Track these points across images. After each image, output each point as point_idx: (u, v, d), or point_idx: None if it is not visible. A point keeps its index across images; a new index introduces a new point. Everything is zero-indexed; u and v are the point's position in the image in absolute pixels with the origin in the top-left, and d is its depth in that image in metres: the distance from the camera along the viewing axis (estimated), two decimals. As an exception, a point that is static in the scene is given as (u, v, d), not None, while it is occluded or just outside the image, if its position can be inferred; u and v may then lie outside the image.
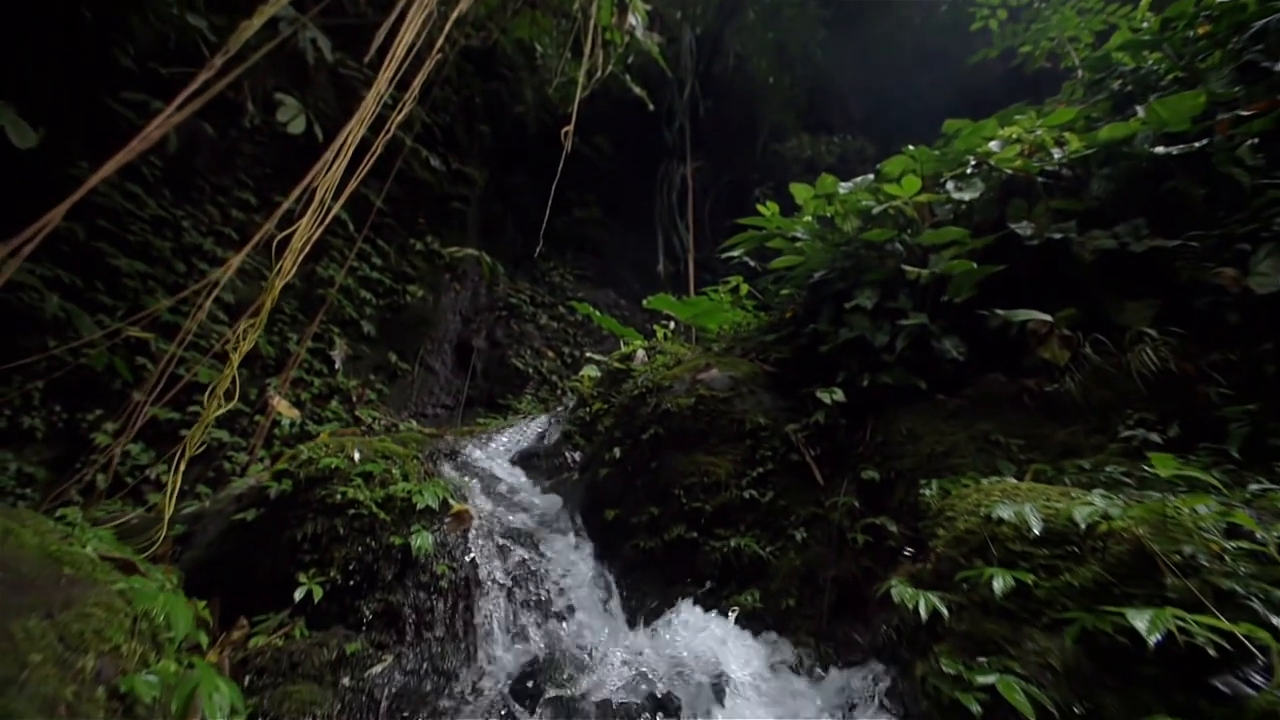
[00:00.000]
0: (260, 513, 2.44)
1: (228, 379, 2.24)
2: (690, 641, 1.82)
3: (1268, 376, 2.08)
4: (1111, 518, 1.34)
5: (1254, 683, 1.05)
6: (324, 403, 6.49)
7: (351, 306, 6.96)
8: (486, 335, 7.44)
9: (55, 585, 1.31)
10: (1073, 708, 1.10)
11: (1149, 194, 2.74)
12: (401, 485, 2.51)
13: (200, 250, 5.88)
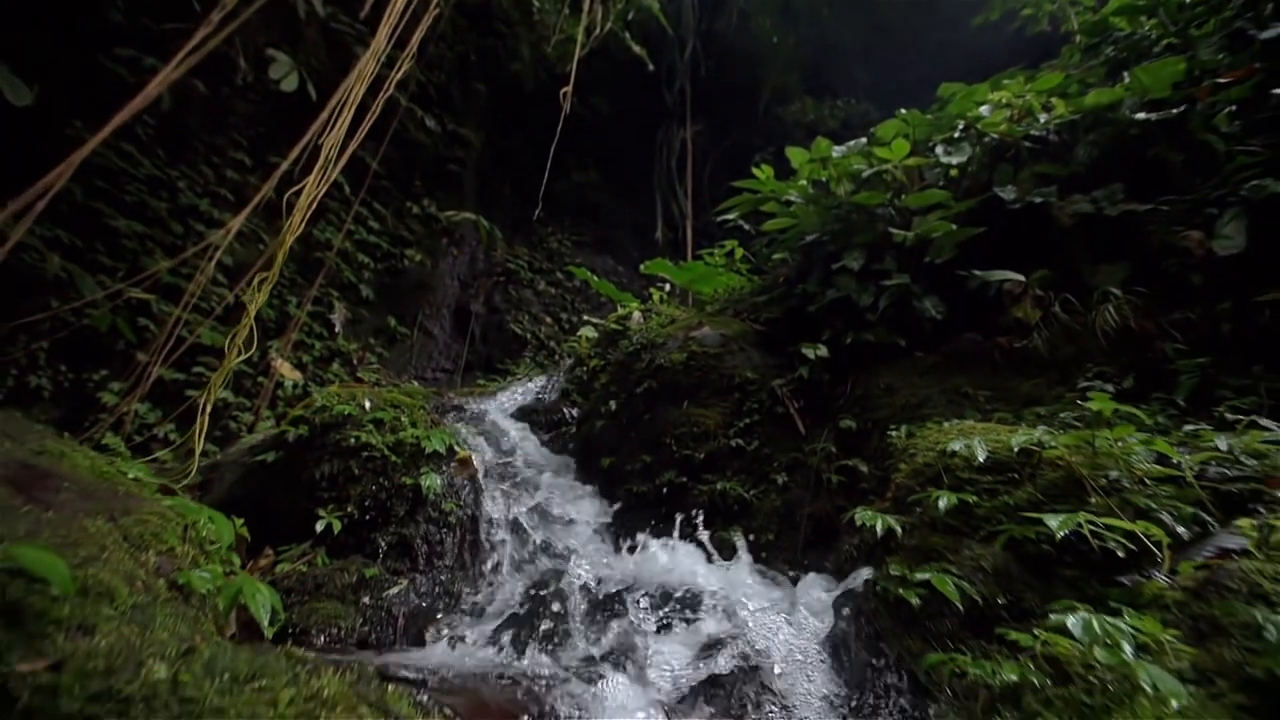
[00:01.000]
0: (279, 455, 2.64)
1: (245, 328, 2.40)
2: (677, 563, 2.05)
3: (1223, 334, 2.25)
4: (1046, 445, 1.53)
5: (1152, 576, 1.26)
6: (325, 365, 6.66)
7: (350, 270, 7.05)
8: (484, 300, 7.56)
9: (114, 496, 1.50)
10: (997, 599, 1.30)
11: (1132, 160, 2.85)
12: (410, 431, 2.70)
13: (197, 211, 5.93)
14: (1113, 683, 0.92)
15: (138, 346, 5.45)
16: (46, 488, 1.38)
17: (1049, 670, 0.99)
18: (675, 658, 1.47)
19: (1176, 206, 2.57)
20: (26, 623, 0.94)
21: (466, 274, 7.67)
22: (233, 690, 0.77)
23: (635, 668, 1.41)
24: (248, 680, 0.79)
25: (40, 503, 1.29)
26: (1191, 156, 2.71)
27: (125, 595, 1.06)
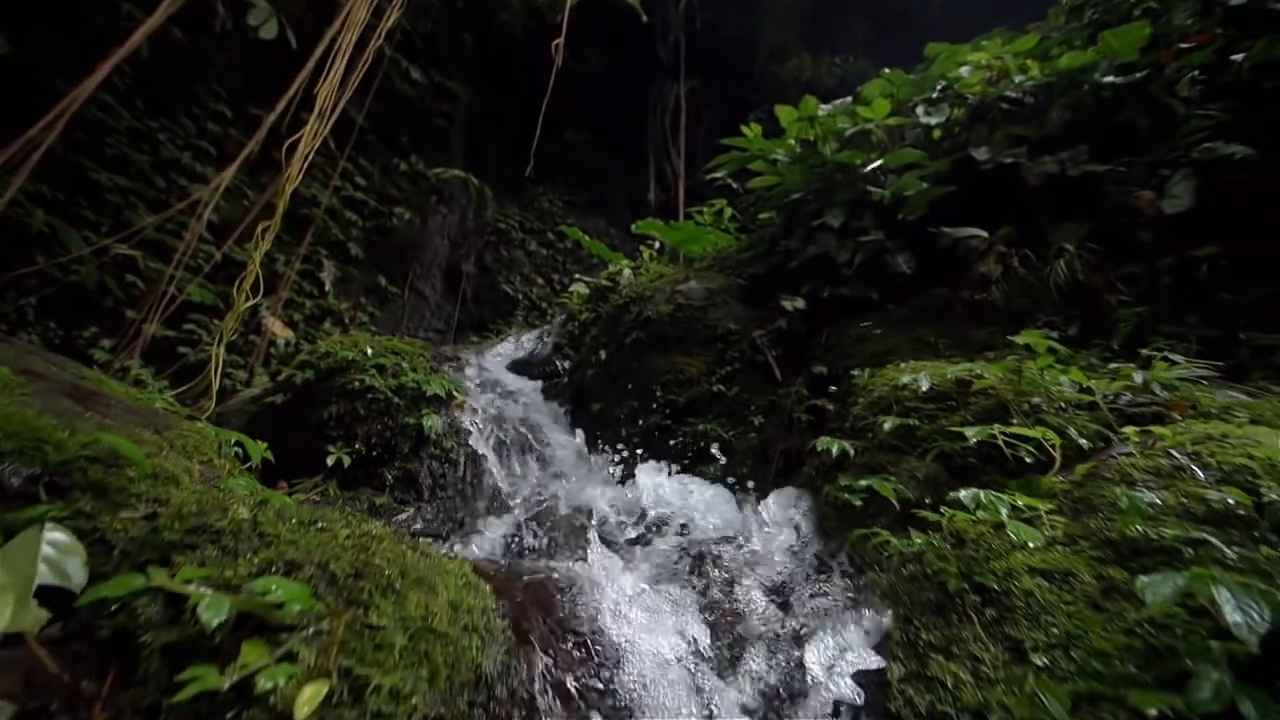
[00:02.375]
0: (288, 397, 2.85)
1: (252, 275, 2.55)
2: (661, 491, 2.31)
3: (1163, 286, 2.49)
4: (979, 376, 1.77)
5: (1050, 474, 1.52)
6: (317, 324, 6.79)
7: (338, 228, 7.09)
8: (476, 261, 7.65)
9: (154, 414, 1.71)
10: (925, 499, 1.57)
11: (1102, 123, 3.02)
12: (411, 376, 2.91)
13: (179, 165, 5.92)
14: (994, 543, 1.19)
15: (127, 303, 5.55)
16: (98, 402, 1.58)
17: (950, 538, 1.25)
18: (656, 555, 1.74)
19: (1135, 168, 2.77)
20: (110, 495, 1.16)
21: (457, 233, 7.73)
22: (300, 529, 1.00)
23: (623, 560, 1.68)
24: (311, 523, 1.03)
25: (97, 412, 1.49)
26: (1155, 120, 2.88)
27: (187, 483, 1.28)
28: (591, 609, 1.22)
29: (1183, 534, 1.07)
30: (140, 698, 0.82)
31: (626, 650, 1.09)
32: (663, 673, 1.05)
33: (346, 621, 0.86)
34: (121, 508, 1.12)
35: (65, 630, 0.92)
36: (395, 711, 0.80)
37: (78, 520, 1.08)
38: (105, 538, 1.05)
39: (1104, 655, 0.93)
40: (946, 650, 1.01)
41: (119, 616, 0.90)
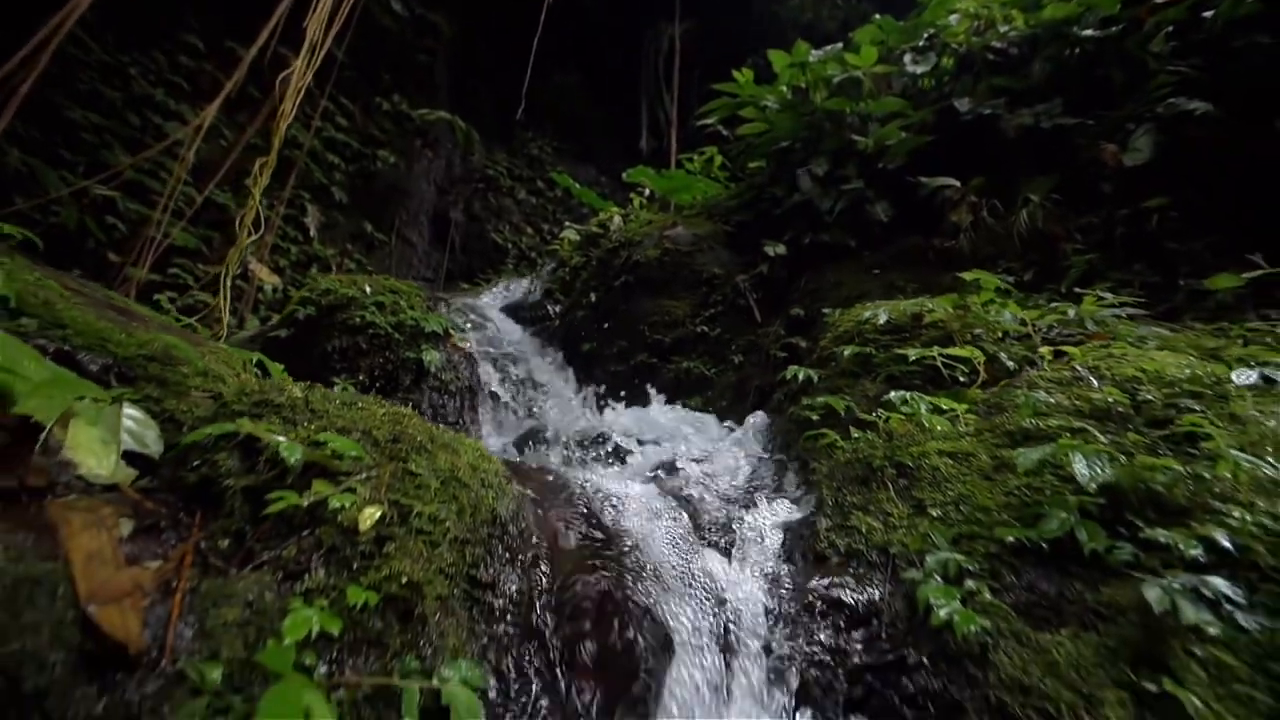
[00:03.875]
0: (291, 332, 3.05)
1: (253, 210, 2.70)
2: (646, 418, 2.59)
3: (1116, 236, 2.73)
4: (929, 310, 2.03)
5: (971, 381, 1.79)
6: (303, 270, 6.86)
7: (320, 171, 7.04)
8: (464, 208, 7.68)
9: (184, 331, 1.92)
10: (872, 411, 1.85)
11: (1082, 76, 3.18)
12: (409, 314, 3.11)
13: (152, 102, 5.83)
14: (915, 434, 1.47)
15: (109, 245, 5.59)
16: (134, 317, 1.79)
17: (882, 435, 1.54)
18: (640, 464, 2.02)
19: (1106, 121, 2.95)
20: (170, 385, 1.39)
21: (443, 179, 7.71)
22: (344, 407, 1.25)
23: (614, 467, 1.96)
24: (352, 403, 1.27)
25: (139, 324, 1.70)
26: (1131, 75, 3.05)
27: (232, 380, 1.51)
28: (582, 487, 1.50)
29: (1066, 424, 1.35)
30: (228, 525, 1.08)
31: (619, 511, 1.37)
32: (650, 529, 1.34)
33: (391, 470, 1.12)
34: (183, 395, 1.36)
35: (151, 484, 1.17)
36: (434, 530, 1.07)
37: (147, 404, 1.31)
38: (174, 417, 1.29)
39: (986, 509, 1.22)
40: (865, 508, 1.30)
41: (202, 469, 1.15)
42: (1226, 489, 1.15)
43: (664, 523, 1.36)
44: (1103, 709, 0.86)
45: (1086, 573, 1.04)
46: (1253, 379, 1.39)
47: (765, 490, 1.65)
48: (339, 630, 0.90)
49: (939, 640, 0.97)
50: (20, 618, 0.75)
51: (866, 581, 1.14)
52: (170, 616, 0.86)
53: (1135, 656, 0.91)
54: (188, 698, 0.80)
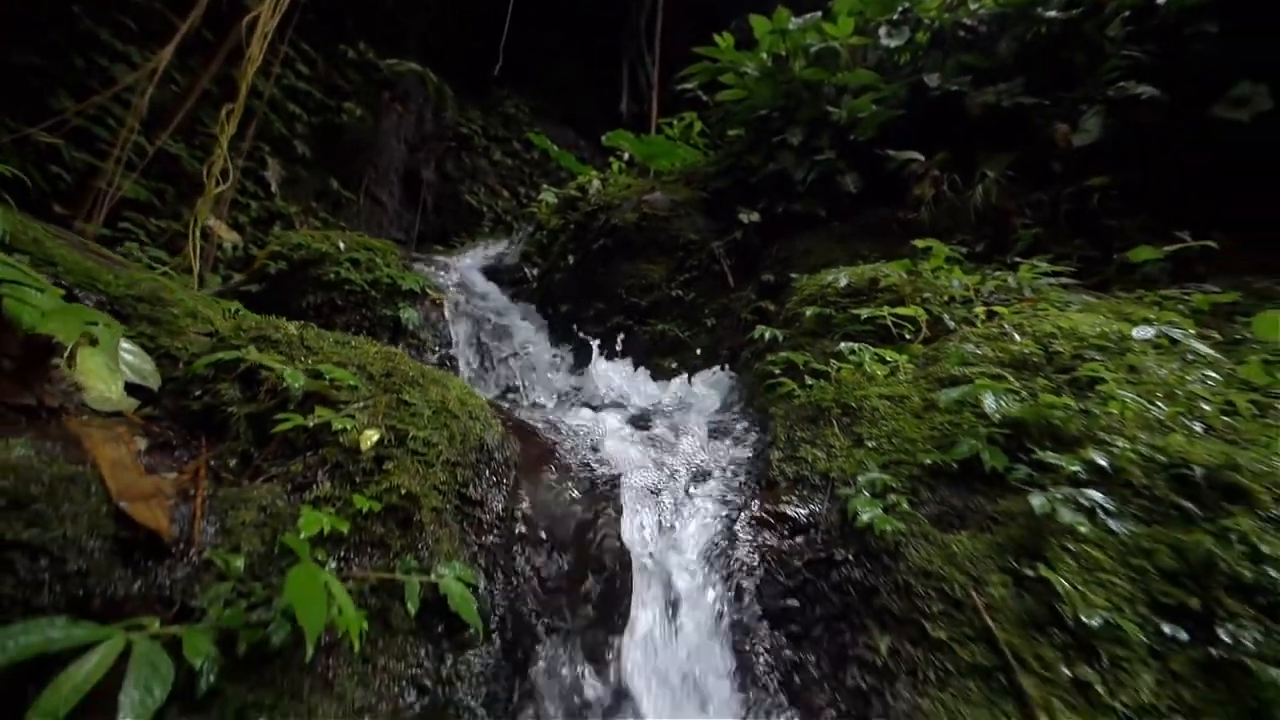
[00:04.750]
0: (262, 287, 3.06)
1: (220, 160, 2.67)
2: (623, 376, 2.74)
3: (1061, 212, 2.96)
4: (885, 275, 2.21)
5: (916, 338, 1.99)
6: (264, 227, 6.67)
7: (280, 122, 6.78)
8: (436, 167, 7.53)
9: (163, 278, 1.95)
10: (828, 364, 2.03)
11: (1045, 57, 3.35)
12: (385, 271, 3.15)
13: (98, 42, 5.48)
14: (860, 381, 1.66)
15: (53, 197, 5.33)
16: (113, 260, 1.82)
17: (833, 383, 1.72)
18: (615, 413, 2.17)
19: (1063, 102, 3.15)
20: (163, 324, 1.47)
21: (414, 136, 7.51)
22: (338, 345, 1.35)
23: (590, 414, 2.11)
24: (345, 342, 1.38)
25: (123, 269, 1.74)
26: (1089, 57, 3.23)
27: (221, 322, 1.59)
28: (560, 428, 1.64)
29: (987, 371, 1.55)
30: (235, 447, 1.19)
31: (594, 447, 1.53)
32: (622, 462, 1.50)
33: (386, 400, 1.24)
34: (177, 334, 1.44)
35: (154, 413, 1.26)
36: (428, 452, 1.20)
37: (141, 340, 1.39)
38: (170, 353, 1.38)
39: (912, 440, 1.42)
40: (812, 441, 1.49)
41: (205, 398, 1.24)
42: (1114, 424, 1.37)
43: (634, 456, 1.53)
44: (987, 588, 1.07)
45: (988, 489, 1.25)
46: (1149, 335, 1.62)
47: (729, 434, 1.83)
48: (347, 531, 1.04)
49: (863, 540, 1.17)
50: (60, 509, 0.86)
51: (809, 500, 1.33)
52: (194, 515, 0.98)
53: (1018, 550, 1.13)
54: (214, 581, 0.93)
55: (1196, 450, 1.30)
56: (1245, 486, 1.22)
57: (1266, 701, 1.00)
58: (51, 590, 0.83)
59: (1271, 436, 1.46)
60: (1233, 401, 1.56)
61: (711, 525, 1.32)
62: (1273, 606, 1.09)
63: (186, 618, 0.88)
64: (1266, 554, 1.12)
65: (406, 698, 0.96)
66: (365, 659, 0.97)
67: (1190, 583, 1.10)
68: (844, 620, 1.10)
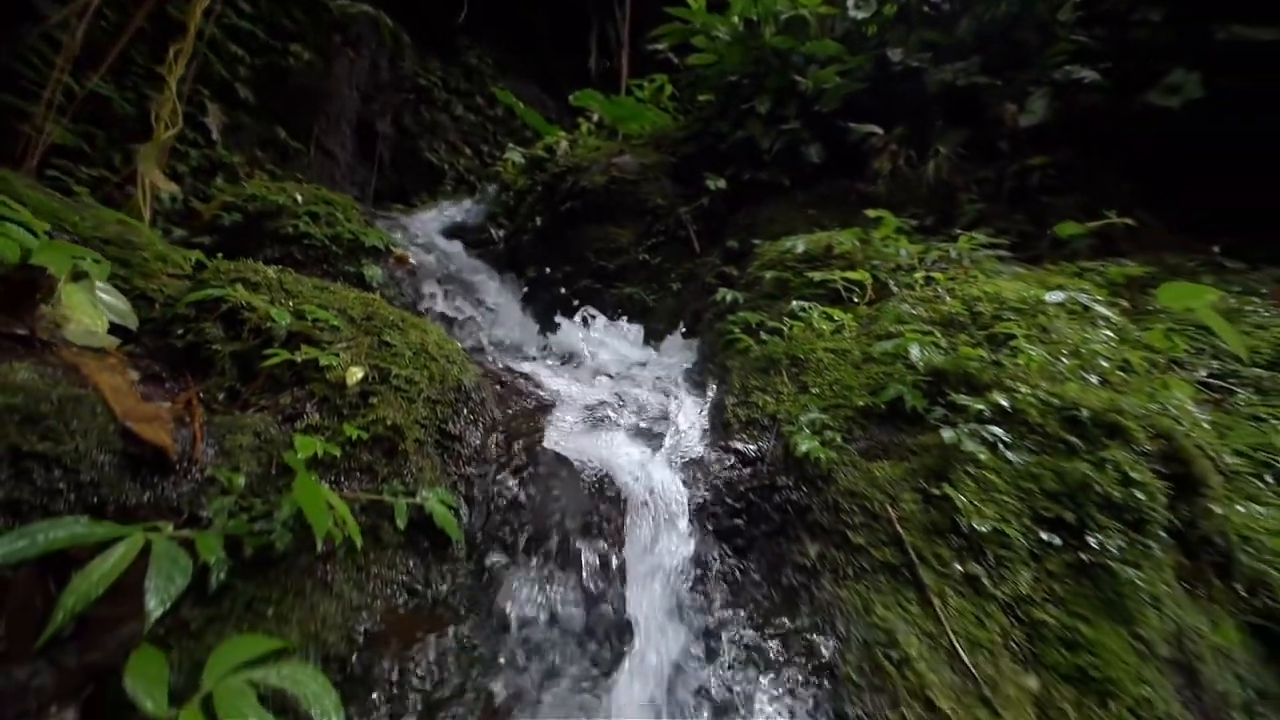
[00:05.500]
0: (215, 239, 3.01)
1: (169, 103, 2.59)
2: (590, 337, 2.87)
3: (1005, 189, 3.23)
4: (841, 242, 2.41)
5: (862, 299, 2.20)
6: (206, 178, 6.34)
7: (221, 64, 6.38)
8: (392, 120, 7.27)
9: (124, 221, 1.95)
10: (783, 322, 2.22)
11: (1001, 37, 3.56)
12: (347, 226, 3.14)
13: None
14: (809, 337, 1.85)
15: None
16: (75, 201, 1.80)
17: (787, 339, 1.91)
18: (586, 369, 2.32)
19: (1015, 83, 3.38)
20: (135, 266, 1.51)
21: (368, 85, 7.21)
22: (316, 289, 1.44)
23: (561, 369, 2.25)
24: (324, 287, 1.46)
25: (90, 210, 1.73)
26: (1042, 40, 3.46)
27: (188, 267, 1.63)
28: (530, 378, 1.78)
29: (918, 328, 1.77)
30: (221, 382, 1.28)
31: (564, 394, 1.67)
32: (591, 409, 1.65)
33: (369, 342, 1.35)
34: (150, 277, 1.48)
35: (135, 350, 1.33)
36: (410, 389, 1.32)
37: (114, 282, 1.43)
38: (146, 295, 1.43)
39: (850, 387, 1.63)
40: (763, 389, 1.68)
41: (188, 337, 1.32)
42: (1020, 373, 1.61)
43: (598, 401, 1.68)
44: (901, 504, 1.29)
45: (909, 426, 1.47)
46: (1060, 299, 1.87)
47: (691, 385, 2.01)
48: (339, 455, 1.16)
49: (801, 468, 1.37)
50: (70, 425, 0.95)
51: (758, 438, 1.52)
52: (194, 438, 1.08)
53: (929, 474, 1.35)
54: (218, 495, 1.04)
55: (1088, 396, 1.55)
56: (1124, 426, 1.48)
57: (1123, 594, 1.26)
58: (67, 499, 0.92)
59: (1155, 388, 1.74)
60: (1129, 360, 1.84)
61: (673, 460, 1.50)
62: (1136, 522, 1.35)
63: (194, 526, 1.00)
64: (1135, 479, 1.38)
65: (398, 599, 1.11)
66: (359, 567, 1.11)
67: (1068, 501, 1.35)
68: (781, 534, 1.30)
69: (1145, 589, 1.24)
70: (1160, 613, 1.24)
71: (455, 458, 1.36)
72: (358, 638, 1.01)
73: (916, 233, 2.94)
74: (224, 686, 0.80)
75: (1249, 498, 1.70)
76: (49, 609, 0.88)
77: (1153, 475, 1.40)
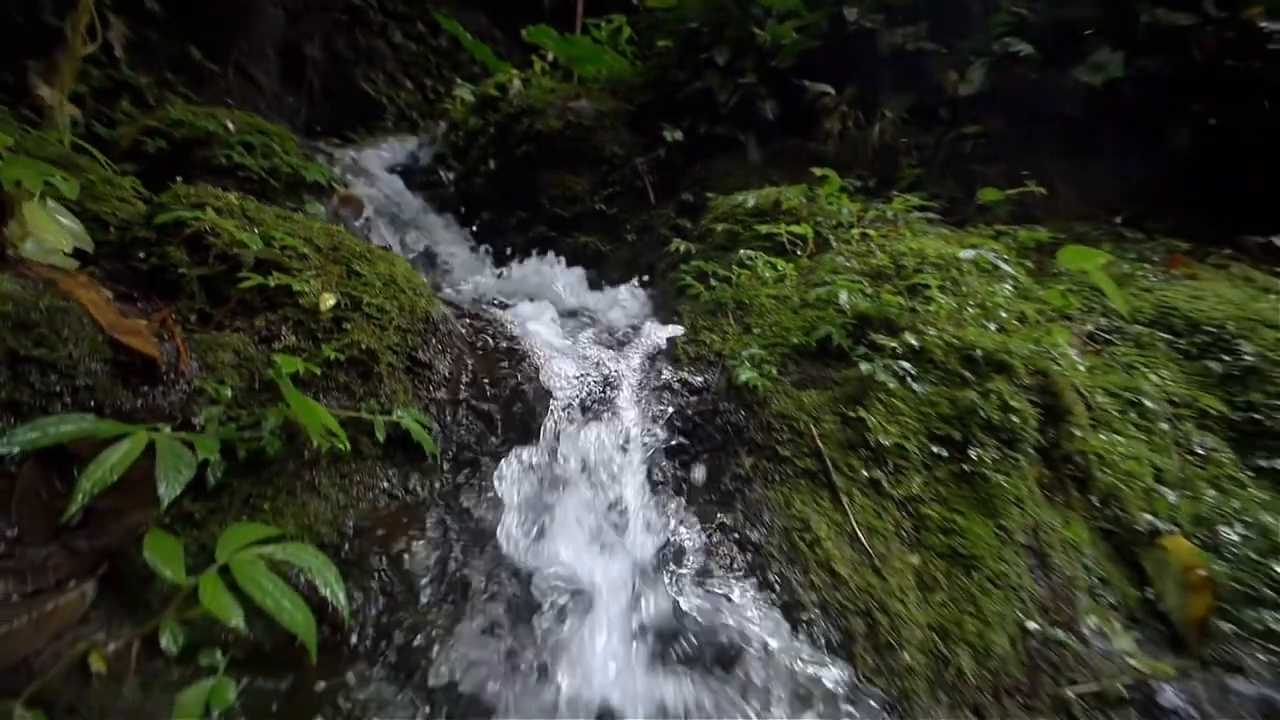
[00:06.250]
0: (139, 167, 2.87)
1: (86, 13, 2.41)
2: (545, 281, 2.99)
3: (942, 155, 3.52)
4: (788, 198, 2.62)
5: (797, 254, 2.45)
6: (110, 101, 5.77)
7: (117, -34, 5.71)
8: (323, 44, 6.80)
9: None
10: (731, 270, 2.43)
11: (950, 4, 3.78)
12: (285, 159, 3.06)
13: None
14: (754, 284, 2.07)
15: None
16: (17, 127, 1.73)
17: (734, 285, 2.12)
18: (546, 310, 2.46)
19: (958, 51, 3.63)
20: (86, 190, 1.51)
21: (295, 3, 6.67)
22: (279, 219, 1.50)
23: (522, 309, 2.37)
24: (286, 216, 1.52)
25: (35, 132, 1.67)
26: (986, 8, 3.71)
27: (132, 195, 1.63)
28: (494, 315, 1.91)
29: (849, 278, 2.02)
30: (192, 304, 1.36)
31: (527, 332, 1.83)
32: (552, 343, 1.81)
33: (338, 271, 1.44)
34: (100, 200, 1.50)
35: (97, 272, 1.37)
36: (382, 317, 1.44)
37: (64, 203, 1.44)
38: (100, 217, 1.46)
39: (788, 328, 1.86)
40: (711, 329, 1.90)
41: (152, 260, 1.37)
42: (930, 319, 1.90)
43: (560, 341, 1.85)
44: (822, 424, 1.55)
45: (835, 362, 1.73)
46: (971, 256, 2.17)
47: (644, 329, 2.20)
48: (319, 373, 1.28)
49: (740, 396, 1.61)
50: (61, 333, 1.03)
51: (705, 371, 1.74)
52: (178, 351, 1.17)
53: (848, 400, 1.62)
54: (207, 404, 1.15)
55: (984, 339, 1.85)
56: (1010, 364, 1.80)
57: (992, 495, 1.58)
58: (63, 401, 1.02)
59: (1041, 335, 2.08)
60: (1024, 312, 2.17)
61: (629, 392, 1.70)
62: (1010, 440, 1.67)
63: (188, 431, 1.11)
64: (1013, 406, 1.70)
65: (380, 502, 1.27)
66: (343, 474, 1.26)
67: (957, 423, 1.65)
68: (722, 450, 1.54)
69: (1011, 492, 1.57)
70: (1022, 510, 1.57)
71: (426, 383, 1.50)
72: (347, 531, 1.17)
73: (859, 193, 3.20)
74: (238, 559, 0.95)
75: (1112, 430, 2.10)
76: (54, 501, 1.00)
77: (1028, 404, 1.73)
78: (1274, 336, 2.50)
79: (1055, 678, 1.28)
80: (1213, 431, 2.26)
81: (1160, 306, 2.71)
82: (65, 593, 0.91)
